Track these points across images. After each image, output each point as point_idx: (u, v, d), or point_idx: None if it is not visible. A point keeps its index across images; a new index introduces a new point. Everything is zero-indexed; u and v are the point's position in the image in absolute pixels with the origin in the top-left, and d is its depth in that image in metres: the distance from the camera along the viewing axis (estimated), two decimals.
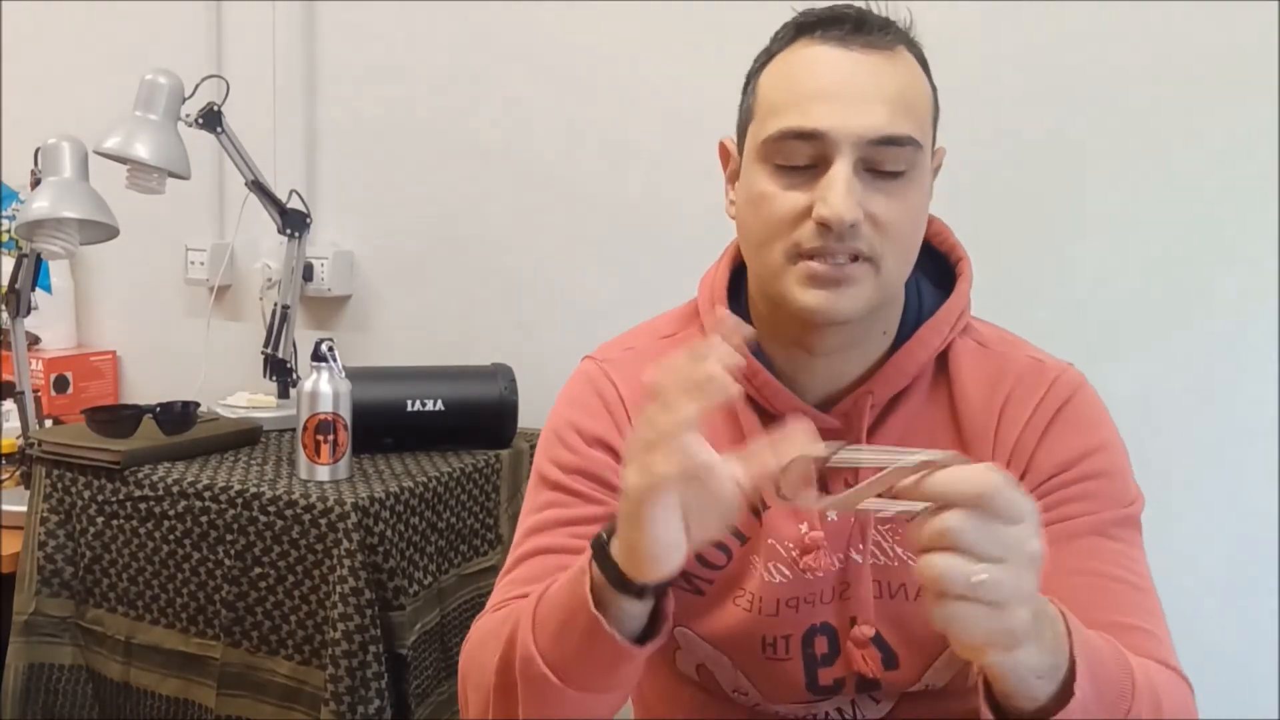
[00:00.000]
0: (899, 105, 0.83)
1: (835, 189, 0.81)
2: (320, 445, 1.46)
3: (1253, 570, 1.44)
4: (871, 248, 0.83)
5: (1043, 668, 0.68)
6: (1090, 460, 0.88)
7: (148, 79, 1.68)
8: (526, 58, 1.83)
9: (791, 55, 0.87)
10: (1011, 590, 0.62)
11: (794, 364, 0.92)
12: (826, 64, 0.84)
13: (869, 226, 0.83)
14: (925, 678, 0.92)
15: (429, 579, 1.49)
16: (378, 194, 1.98)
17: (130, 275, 2.21)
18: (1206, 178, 1.43)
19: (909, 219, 0.86)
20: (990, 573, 0.61)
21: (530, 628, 0.79)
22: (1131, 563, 0.87)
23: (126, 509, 1.49)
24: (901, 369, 0.90)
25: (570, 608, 0.76)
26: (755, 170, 0.87)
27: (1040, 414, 0.90)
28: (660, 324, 1.02)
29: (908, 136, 0.83)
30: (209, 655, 1.46)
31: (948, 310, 0.92)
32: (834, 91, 0.83)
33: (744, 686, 0.95)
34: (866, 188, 0.83)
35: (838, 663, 0.92)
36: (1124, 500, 0.89)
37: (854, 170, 0.82)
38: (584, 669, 0.77)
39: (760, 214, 0.86)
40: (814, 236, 0.83)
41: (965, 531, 0.61)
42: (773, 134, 0.85)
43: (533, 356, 1.78)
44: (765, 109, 0.87)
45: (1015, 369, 0.92)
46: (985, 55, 1.49)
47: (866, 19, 0.86)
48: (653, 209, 1.76)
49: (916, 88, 0.86)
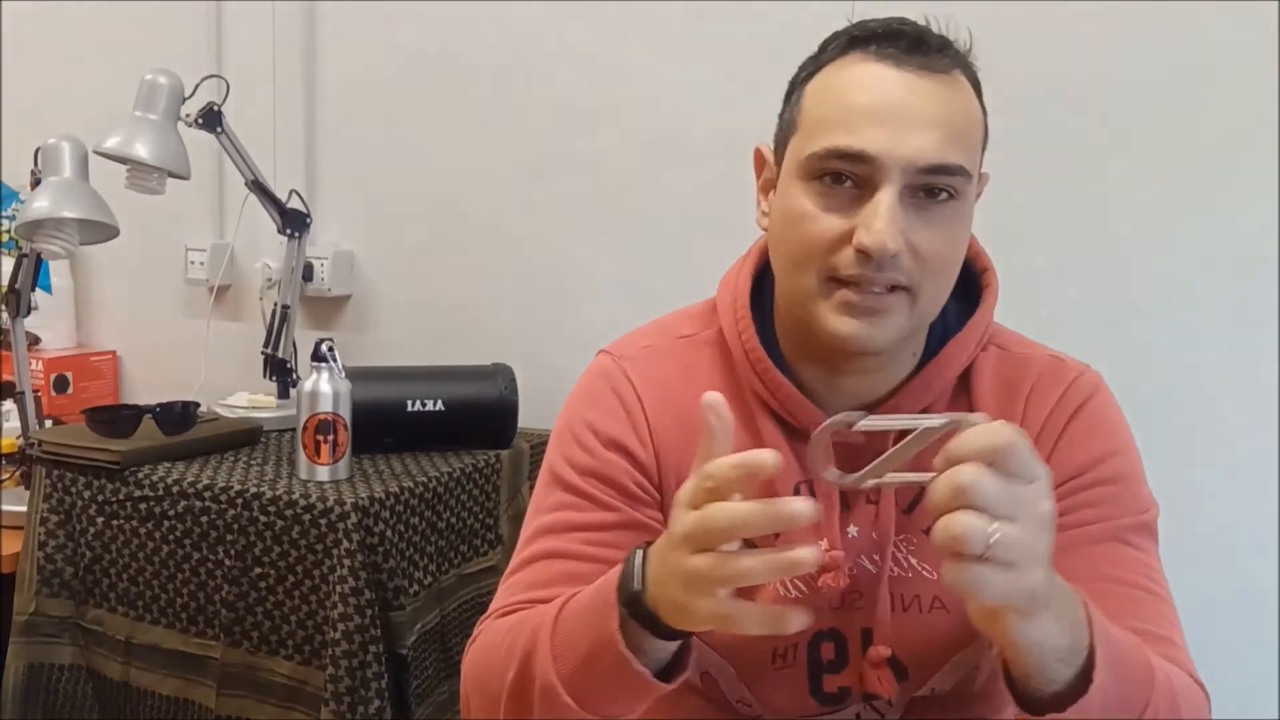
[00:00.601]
0: (951, 133, 0.80)
1: (880, 217, 0.78)
2: (320, 445, 1.46)
3: (1253, 570, 1.44)
4: (911, 278, 0.81)
5: (1061, 649, 0.68)
6: (1107, 465, 0.88)
7: (148, 79, 1.68)
8: (527, 58, 1.83)
9: (842, 69, 0.83)
10: (1027, 550, 0.62)
11: (819, 380, 0.90)
12: (880, 83, 0.81)
13: (909, 257, 0.80)
14: (931, 682, 0.92)
15: (429, 579, 1.49)
16: (378, 194, 1.98)
17: (130, 275, 2.21)
18: (1207, 176, 1.43)
19: (951, 250, 0.83)
20: (1005, 531, 0.60)
21: (550, 655, 0.76)
22: (1151, 570, 0.87)
23: (126, 509, 1.49)
24: (928, 387, 0.89)
25: (597, 642, 0.73)
26: (794, 186, 0.84)
27: (1059, 413, 0.90)
28: (678, 322, 0.99)
29: (958, 166, 0.80)
30: (209, 655, 1.46)
31: (974, 326, 0.90)
32: (886, 113, 0.80)
33: (747, 698, 0.94)
34: (910, 216, 0.80)
35: (844, 671, 0.91)
36: (1140, 506, 0.88)
37: (900, 198, 0.79)
38: (610, 701, 0.75)
39: (797, 234, 0.83)
40: (852, 264, 0.80)
41: (980, 486, 0.60)
42: (817, 151, 0.81)
43: (533, 356, 1.78)
44: (811, 123, 0.84)
45: (1037, 367, 0.92)
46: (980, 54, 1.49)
47: (925, 38, 0.83)
48: (656, 210, 1.75)
49: (970, 114, 0.84)
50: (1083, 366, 0.94)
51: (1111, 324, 1.48)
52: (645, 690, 0.74)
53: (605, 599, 0.73)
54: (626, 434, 0.92)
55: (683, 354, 0.96)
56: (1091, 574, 0.84)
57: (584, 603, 0.76)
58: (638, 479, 0.91)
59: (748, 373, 0.91)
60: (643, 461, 0.92)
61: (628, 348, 0.98)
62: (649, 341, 0.98)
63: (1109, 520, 0.86)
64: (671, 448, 0.92)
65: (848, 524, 0.89)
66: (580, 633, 0.75)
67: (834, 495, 0.88)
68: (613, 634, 0.71)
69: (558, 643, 0.76)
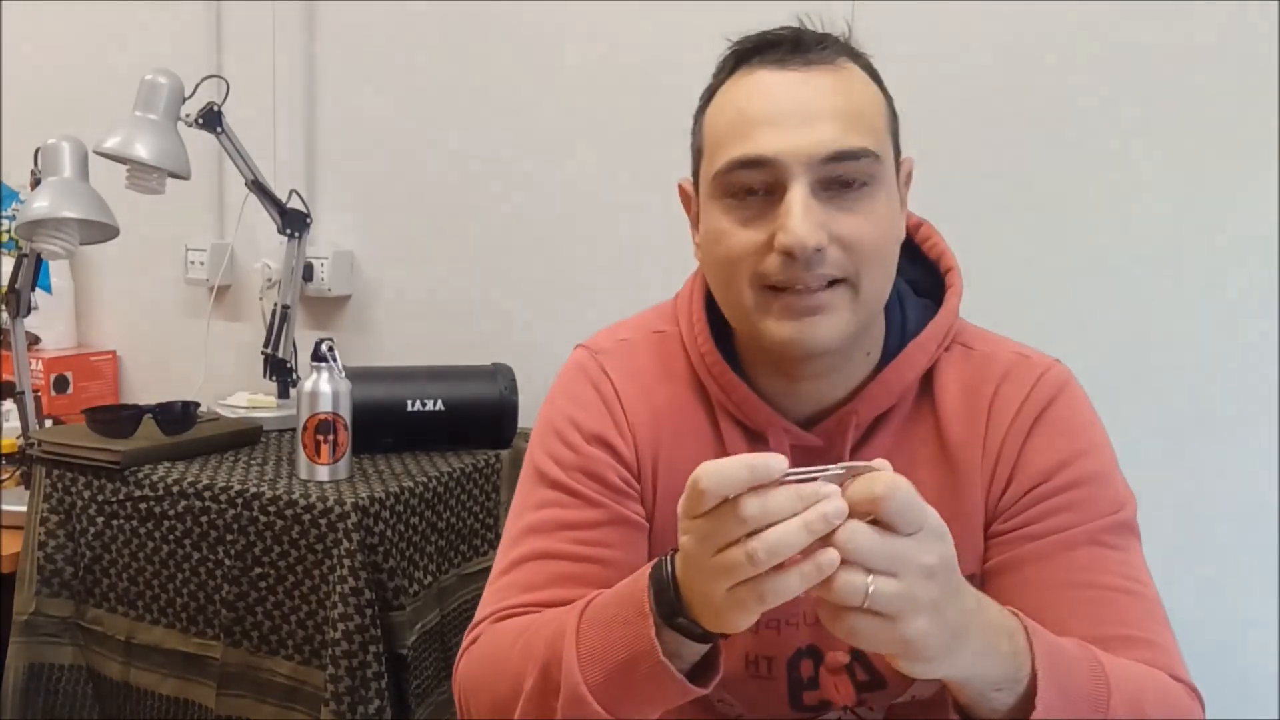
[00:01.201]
0: (848, 119, 0.81)
1: (793, 214, 0.78)
2: (320, 445, 1.46)
3: (1253, 570, 1.44)
4: (844, 270, 0.81)
5: (996, 680, 0.69)
6: (1076, 466, 0.87)
7: (148, 79, 1.69)
8: (527, 58, 1.83)
9: (732, 86, 0.85)
10: (906, 601, 0.62)
11: (775, 386, 0.90)
12: (767, 89, 0.82)
13: (837, 249, 0.80)
14: (911, 689, 0.92)
15: (429, 579, 1.49)
16: (378, 194, 1.98)
17: (130, 275, 2.21)
18: (1206, 176, 1.43)
19: (879, 234, 0.83)
20: (879, 585, 0.61)
21: (576, 665, 0.75)
22: (1132, 570, 0.86)
23: (126, 509, 1.49)
24: (888, 389, 0.89)
25: (632, 650, 0.73)
26: (712, 208, 0.85)
27: (1024, 415, 0.88)
28: (652, 319, 1.00)
29: (862, 149, 0.80)
30: (209, 655, 1.46)
31: (935, 328, 0.90)
32: (778, 115, 0.80)
33: (728, 698, 0.94)
34: (828, 209, 0.80)
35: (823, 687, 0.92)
36: (1114, 505, 0.87)
37: (811, 193, 0.79)
38: (641, 706, 0.75)
39: (721, 251, 0.84)
40: (780, 268, 0.80)
41: (853, 542, 0.61)
42: (721, 167, 0.82)
43: (533, 356, 1.78)
44: (713, 144, 0.85)
45: (1000, 366, 0.91)
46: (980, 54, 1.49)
47: (803, 37, 0.84)
48: (654, 209, 1.75)
49: (865, 98, 0.83)
50: (1049, 362, 0.92)
51: (1110, 322, 1.48)
52: (682, 695, 0.74)
53: (638, 608, 0.73)
54: (608, 428, 0.93)
55: (657, 349, 0.96)
56: (1071, 580, 0.83)
57: (612, 611, 0.76)
58: (621, 473, 0.92)
59: (708, 380, 0.92)
60: (624, 455, 0.92)
61: (604, 341, 0.99)
62: (625, 335, 0.99)
63: (1083, 524, 0.85)
64: (649, 440, 0.93)
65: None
66: (612, 642, 0.74)
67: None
68: (650, 642, 0.71)
69: (584, 653, 0.75)
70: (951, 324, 0.91)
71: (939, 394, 0.90)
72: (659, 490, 0.93)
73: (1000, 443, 0.88)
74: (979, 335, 0.94)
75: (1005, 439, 0.88)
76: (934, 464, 0.89)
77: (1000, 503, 0.88)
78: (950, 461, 0.89)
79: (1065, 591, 0.83)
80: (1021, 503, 0.87)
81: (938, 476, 0.89)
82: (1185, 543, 1.44)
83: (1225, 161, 1.41)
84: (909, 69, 0.90)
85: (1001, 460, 0.88)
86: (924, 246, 0.96)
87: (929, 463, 0.89)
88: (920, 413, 0.90)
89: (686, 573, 0.69)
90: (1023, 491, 0.87)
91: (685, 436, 0.93)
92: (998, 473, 0.88)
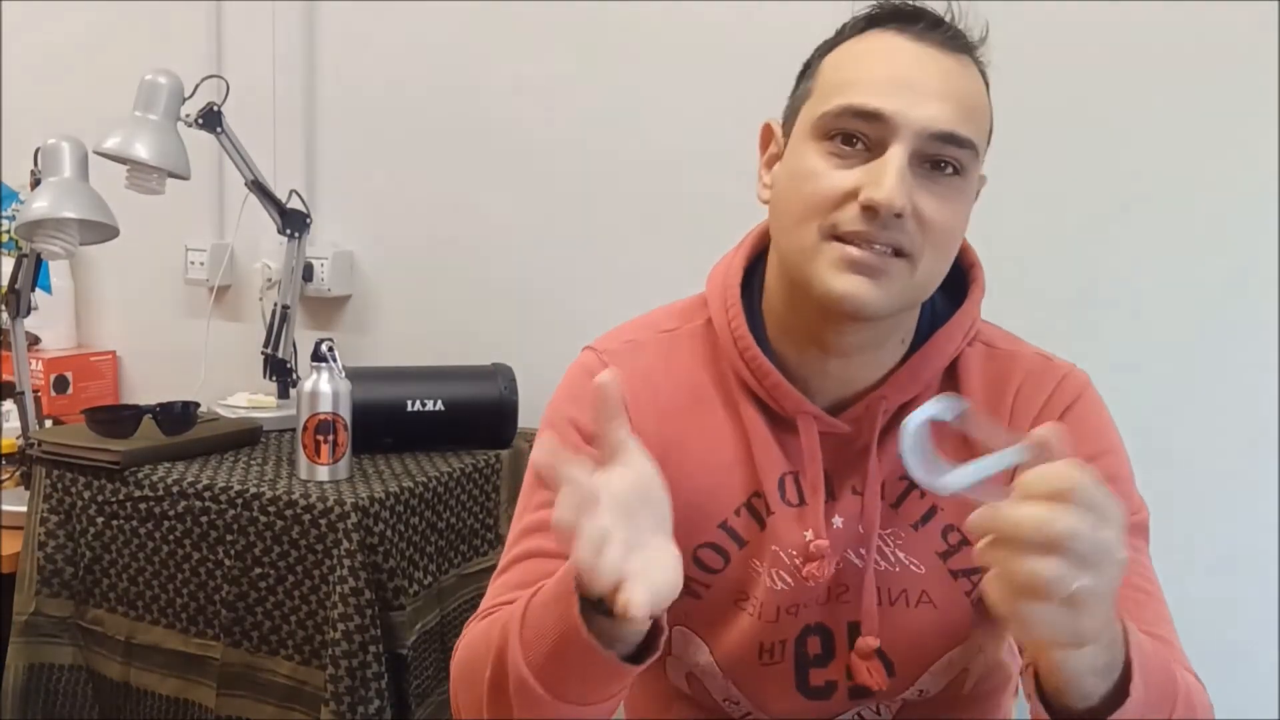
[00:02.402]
0: (964, 108, 0.82)
1: (890, 174, 0.79)
2: (320, 445, 1.46)
3: (1253, 570, 1.44)
4: (913, 244, 0.81)
5: (1099, 667, 0.68)
6: (1097, 465, 0.86)
7: (148, 79, 1.68)
8: (527, 58, 1.83)
9: (862, 41, 0.85)
10: (1100, 598, 0.62)
11: (807, 365, 0.90)
12: (899, 52, 0.83)
13: (914, 222, 0.81)
14: (920, 682, 0.91)
15: (429, 579, 1.49)
16: (378, 194, 1.98)
17: (130, 275, 2.21)
18: (1207, 175, 1.43)
19: (953, 223, 0.84)
20: (1085, 581, 0.60)
21: (519, 647, 0.76)
22: (1145, 571, 0.87)
23: (126, 509, 1.49)
24: (916, 375, 0.89)
25: (562, 630, 0.73)
26: (805, 147, 0.85)
27: (1046, 414, 0.89)
28: (662, 317, 1.00)
29: (969, 139, 0.81)
30: (209, 655, 1.46)
31: (962, 317, 0.91)
32: (903, 78, 0.81)
33: (734, 695, 0.94)
34: (917, 182, 0.81)
35: (831, 665, 0.91)
36: (1132, 507, 0.88)
37: (908, 161, 0.80)
38: (580, 687, 0.75)
39: (804, 190, 0.83)
40: (856, 220, 0.80)
41: (1080, 538, 0.60)
42: (832, 109, 0.82)
43: (533, 356, 1.78)
44: (828, 88, 0.84)
45: (1023, 366, 0.92)
46: None
47: (943, 21, 0.85)
48: (654, 209, 1.76)
49: (981, 100, 0.85)
50: (1069, 365, 0.93)
51: (1111, 325, 1.48)
52: (615, 674, 0.73)
53: (566, 587, 0.73)
54: None
55: (665, 347, 0.96)
56: None
57: (548, 593, 0.76)
58: None
59: (734, 359, 0.91)
60: None
61: (611, 342, 0.98)
62: (632, 336, 0.98)
63: None
64: (653, 442, 0.91)
65: (833, 514, 0.89)
66: (546, 623, 0.75)
67: (820, 485, 0.88)
68: (574, 620, 0.71)
69: (526, 636, 0.76)
70: (976, 316, 0.92)
71: (963, 386, 0.91)
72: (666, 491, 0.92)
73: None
74: (1001, 335, 0.95)
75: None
76: (957, 455, 0.89)
77: None
78: (972, 454, 0.89)
79: None
80: None
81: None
82: (1185, 542, 1.44)
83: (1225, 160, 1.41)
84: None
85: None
86: None
87: (953, 453, 0.88)
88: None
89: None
90: None
91: (697, 432, 0.92)
92: (1019, 472, 0.88)
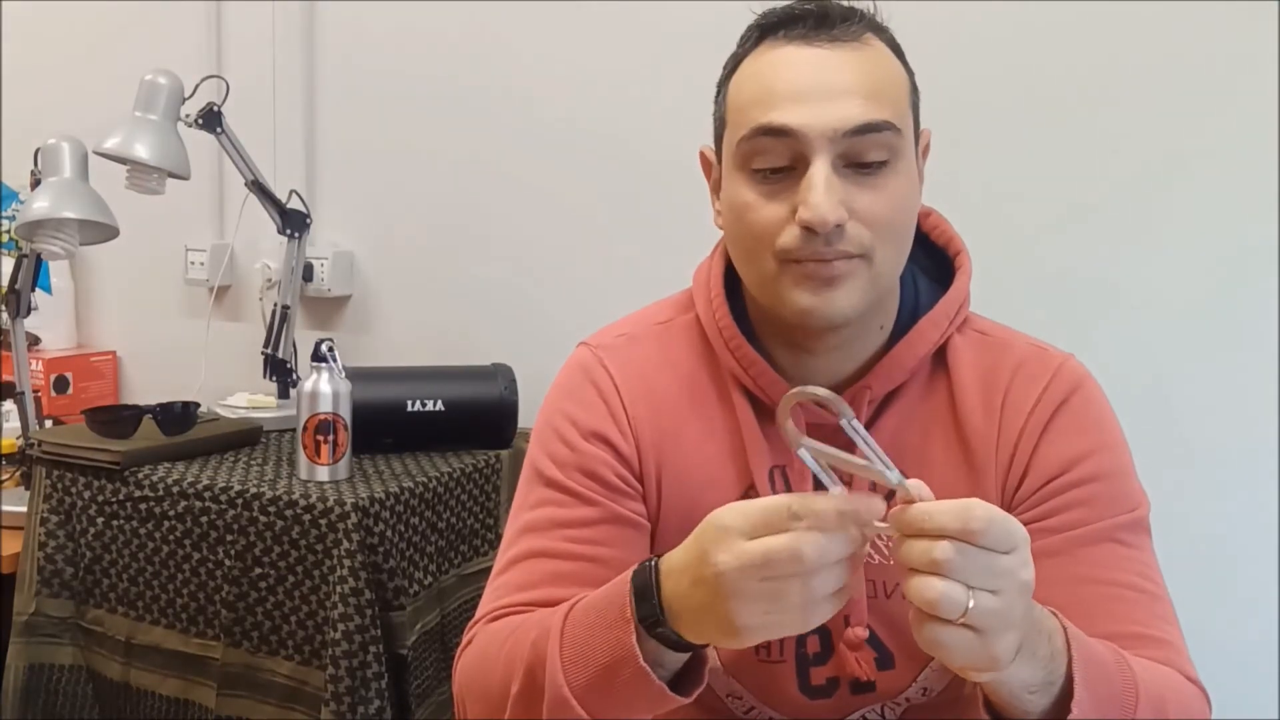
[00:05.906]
0: (871, 94, 0.82)
1: (815, 189, 0.80)
2: (320, 445, 1.46)
3: (1253, 570, 1.44)
4: (862, 246, 0.82)
5: (1035, 683, 0.69)
6: (1092, 461, 0.87)
7: (148, 79, 1.68)
8: (526, 58, 1.83)
9: (757, 58, 0.86)
10: (1002, 619, 0.63)
11: (791, 360, 0.91)
12: (792, 62, 0.83)
13: (856, 225, 0.82)
14: (920, 679, 0.91)
15: (429, 579, 1.49)
16: (378, 194, 1.98)
17: (130, 275, 2.21)
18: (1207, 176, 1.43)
19: (897, 209, 0.84)
20: (980, 600, 0.62)
21: (560, 668, 0.76)
22: (1146, 569, 0.86)
23: (126, 509, 1.49)
24: (899, 364, 0.89)
25: (613, 656, 0.73)
26: (735, 178, 0.86)
27: (1042, 408, 0.89)
28: (655, 311, 1.01)
29: (884, 122, 0.81)
30: (209, 655, 1.46)
31: (946, 303, 0.91)
32: (803, 90, 0.82)
33: (737, 690, 0.94)
34: (849, 184, 0.81)
35: (830, 663, 0.91)
36: (1130, 503, 0.87)
37: (833, 168, 0.81)
38: (625, 711, 0.75)
39: (744, 224, 0.85)
40: (800, 241, 0.82)
41: (957, 562, 0.62)
42: (746, 133, 0.83)
43: (533, 356, 1.78)
44: (736, 113, 0.86)
45: (1017, 354, 0.91)
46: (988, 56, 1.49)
47: (828, 13, 0.85)
48: (653, 208, 1.75)
49: (889, 74, 0.85)
50: (1065, 355, 0.92)
51: (1109, 324, 1.48)
52: (663, 702, 0.74)
53: (620, 613, 0.73)
54: (606, 425, 0.93)
55: (659, 340, 0.97)
56: (1085, 576, 0.84)
57: (594, 615, 0.76)
58: (619, 470, 0.92)
59: (723, 352, 0.92)
60: (623, 452, 0.92)
61: (604, 337, 0.99)
62: (625, 330, 0.99)
63: (1100, 520, 0.85)
64: (651, 436, 0.93)
65: None
66: (594, 646, 0.74)
67: (807, 477, 0.88)
68: (631, 649, 0.71)
69: (567, 656, 0.76)
70: (963, 301, 0.92)
71: (954, 372, 0.91)
72: (664, 485, 0.92)
73: (1017, 435, 0.88)
74: (993, 325, 0.95)
75: (1022, 431, 0.88)
76: (949, 443, 0.90)
77: (1016, 496, 0.88)
78: (965, 443, 0.89)
79: (1080, 587, 0.83)
80: (1037, 496, 0.87)
81: (953, 455, 0.89)
82: (1186, 541, 1.44)
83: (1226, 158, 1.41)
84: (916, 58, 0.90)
85: (1018, 452, 0.88)
86: (932, 235, 0.97)
87: (943, 441, 0.90)
88: (934, 390, 0.91)
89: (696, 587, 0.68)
90: (1038, 485, 0.87)
91: (693, 423, 0.93)
92: (1014, 465, 0.88)
